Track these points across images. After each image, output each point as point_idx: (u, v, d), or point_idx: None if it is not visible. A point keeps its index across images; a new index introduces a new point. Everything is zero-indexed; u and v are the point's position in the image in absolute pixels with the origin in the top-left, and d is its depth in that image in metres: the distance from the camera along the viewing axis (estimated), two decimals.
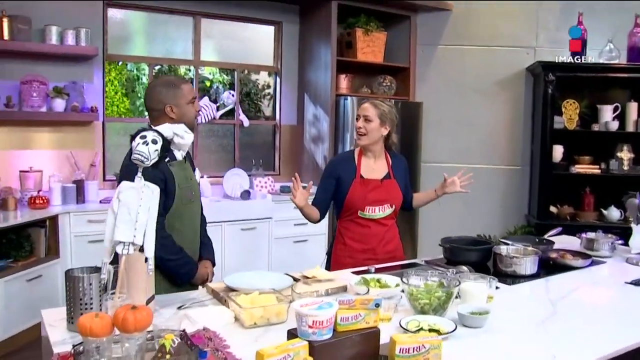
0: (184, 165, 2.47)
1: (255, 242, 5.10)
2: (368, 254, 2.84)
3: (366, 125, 2.81)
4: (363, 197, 2.82)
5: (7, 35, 4.32)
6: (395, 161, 2.97)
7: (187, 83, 2.48)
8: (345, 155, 3.04)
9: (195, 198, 2.55)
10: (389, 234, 2.91)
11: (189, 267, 2.45)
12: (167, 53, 5.47)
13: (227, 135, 5.76)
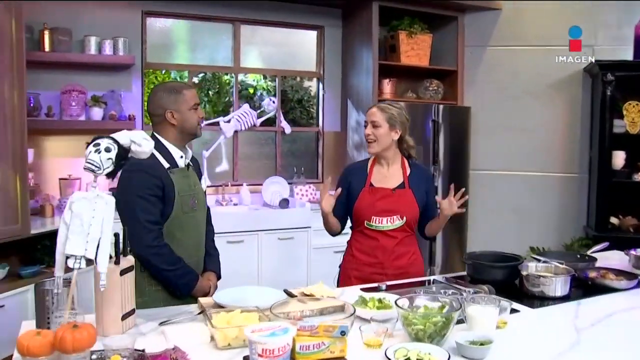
0: (187, 172, 2.39)
1: (293, 252, 4.98)
2: (376, 267, 2.67)
3: (375, 131, 2.64)
4: (370, 206, 2.66)
5: (48, 47, 4.43)
6: (414, 171, 2.77)
7: (190, 89, 2.40)
8: (359, 163, 2.87)
9: (200, 207, 2.45)
10: (401, 248, 2.69)
11: (188, 278, 2.34)
12: (210, 61, 5.46)
13: (268, 143, 5.68)
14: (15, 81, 3.53)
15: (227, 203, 5.18)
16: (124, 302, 1.89)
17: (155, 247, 2.23)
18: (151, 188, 2.23)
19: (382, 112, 2.65)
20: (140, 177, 2.24)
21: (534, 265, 2.47)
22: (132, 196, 2.22)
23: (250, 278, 4.76)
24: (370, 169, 2.75)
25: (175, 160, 2.35)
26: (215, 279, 2.53)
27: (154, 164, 2.26)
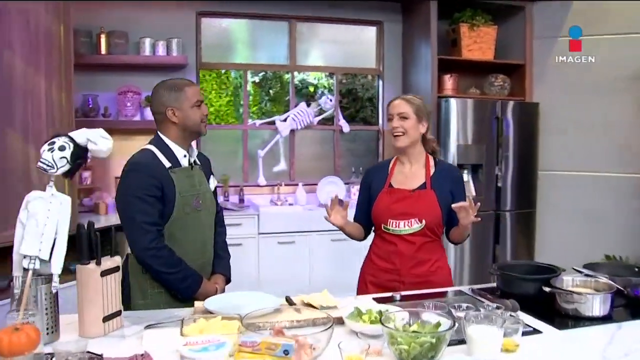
0: (190, 172, 2.32)
1: (346, 254, 4.82)
2: (392, 274, 2.46)
3: (403, 123, 2.43)
4: (387, 208, 2.46)
5: (105, 49, 4.57)
6: (439, 170, 2.52)
7: (192, 86, 2.32)
8: (381, 163, 2.68)
9: (205, 207, 2.36)
10: (421, 255, 2.45)
11: (189, 281, 2.25)
12: (271, 59, 5.43)
13: (327, 142, 5.57)
14: (63, 83, 3.64)
15: (283, 203, 5.12)
16: (107, 303, 1.83)
17: (153, 250, 2.17)
18: (148, 188, 2.17)
19: (408, 104, 2.45)
20: (137, 177, 2.18)
21: (569, 279, 2.18)
22: (129, 197, 2.17)
23: (299, 280, 4.68)
24: (391, 169, 2.55)
25: (177, 159, 2.28)
26: (223, 282, 2.44)
27: (153, 164, 2.21)
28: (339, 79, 5.50)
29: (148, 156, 2.25)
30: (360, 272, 2.63)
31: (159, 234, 2.19)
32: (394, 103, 2.49)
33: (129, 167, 2.22)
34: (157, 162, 2.22)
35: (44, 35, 3.53)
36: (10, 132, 3.37)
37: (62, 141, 1.49)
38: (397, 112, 2.44)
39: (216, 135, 5.32)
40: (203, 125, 2.32)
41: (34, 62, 3.48)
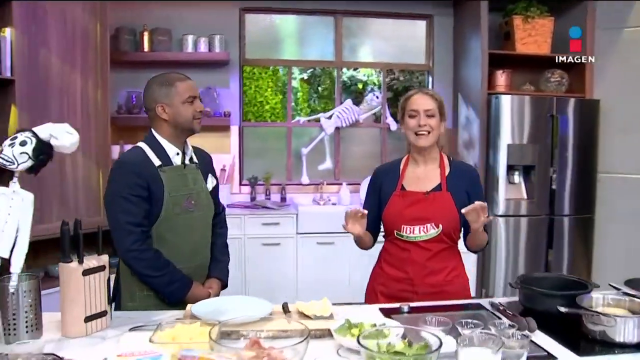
0: (183, 170, 2.21)
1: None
2: (405, 284, 2.26)
3: (430, 121, 2.22)
4: (399, 213, 2.25)
5: (147, 47, 4.61)
6: (454, 170, 2.31)
7: (184, 81, 2.22)
8: (391, 164, 2.45)
9: (200, 207, 2.25)
10: (436, 263, 2.25)
11: (176, 285, 2.15)
12: (320, 55, 5.31)
13: (373, 140, 5.40)
14: (99, 80, 3.69)
15: (325, 202, 5.00)
16: (90, 303, 1.78)
17: (135, 251, 2.09)
18: (133, 188, 2.08)
19: (433, 99, 2.25)
20: (123, 176, 2.11)
21: (600, 297, 1.93)
22: (114, 196, 2.10)
23: (338, 282, 4.55)
24: (402, 170, 2.34)
25: (169, 157, 2.19)
26: (217, 286, 2.32)
27: (140, 162, 2.13)
28: (396, 76, 5.33)
29: (137, 154, 2.17)
30: (369, 280, 2.43)
31: (144, 235, 2.11)
32: (416, 98, 2.26)
33: (115, 165, 2.16)
34: (145, 160, 2.14)
35: (80, 34, 3.58)
36: None
37: (24, 136, 1.44)
38: (424, 109, 2.22)
39: (262, 133, 5.28)
40: (196, 122, 2.20)
41: (70, 60, 3.53)
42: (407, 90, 2.65)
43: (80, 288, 1.77)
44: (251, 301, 1.99)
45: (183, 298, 2.15)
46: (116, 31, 4.58)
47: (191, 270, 2.24)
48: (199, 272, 2.29)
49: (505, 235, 4.53)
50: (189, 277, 2.21)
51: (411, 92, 2.31)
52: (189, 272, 2.22)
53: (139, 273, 2.13)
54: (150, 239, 2.14)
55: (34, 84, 3.34)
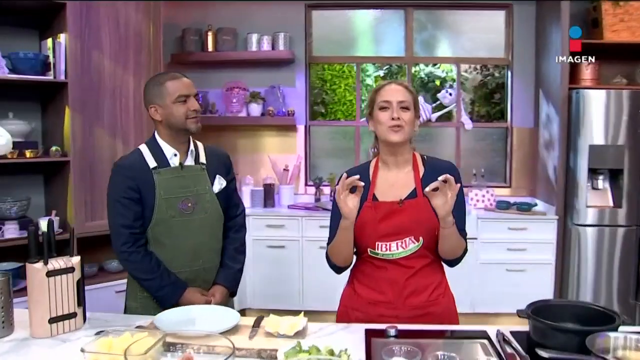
0: (181, 172, 2.15)
1: (458, 265, 4.32)
2: (384, 308, 1.96)
3: (404, 115, 1.92)
4: (372, 228, 1.94)
5: (211, 47, 4.65)
6: (430, 170, 1.99)
7: (176, 79, 2.13)
8: (360, 168, 2.09)
9: (201, 210, 2.18)
10: (417, 281, 1.95)
11: (166, 290, 2.10)
12: (396, 51, 5.08)
13: (447, 140, 5.07)
14: None
15: None
16: (55, 304, 1.77)
17: (124, 253, 2.08)
18: (125, 190, 2.08)
19: (408, 92, 1.96)
20: (115, 179, 2.12)
21: (620, 337, 1.58)
22: (109, 199, 2.13)
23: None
24: (373, 176, 2.02)
25: (167, 159, 2.14)
26: (220, 294, 2.20)
27: (133, 164, 2.12)
28: (490, 72, 4.97)
29: (132, 157, 2.16)
30: (339, 305, 2.11)
31: (133, 238, 2.09)
32: (389, 89, 1.97)
33: (112, 168, 2.17)
34: (139, 162, 2.12)
35: (133, 35, 3.66)
36: (98, 129, 3.55)
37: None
38: (398, 100, 1.92)
39: (337, 132, 5.15)
40: (190, 121, 2.12)
41: (122, 61, 3.63)
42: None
43: (45, 289, 1.76)
44: (221, 313, 1.87)
45: (175, 302, 2.09)
46: (182, 32, 4.67)
47: (191, 274, 2.18)
48: (202, 276, 2.21)
49: (587, 247, 4.03)
50: (183, 282, 2.15)
51: (382, 82, 2.03)
52: (189, 277, 2.16)
53: (130, 275, 2.15)
54: (142, 241, 2.12)
55: (87, 86, 3.46)
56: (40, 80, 3.35)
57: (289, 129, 4.87)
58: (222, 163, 2.31)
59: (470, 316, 4.28)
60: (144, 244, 2.13)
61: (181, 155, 2.18)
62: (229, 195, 2.32)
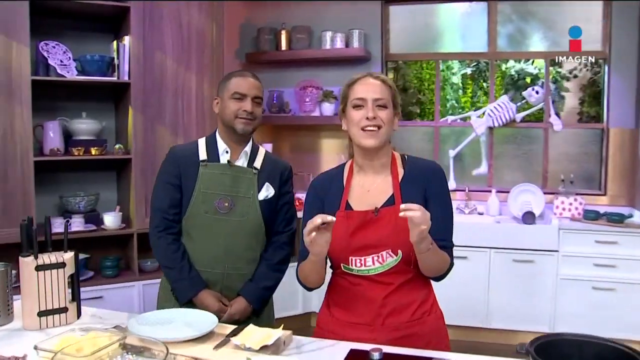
0: (228, 170, 2.11)
1: (533, 279, 3.96)
2: (361, 330, 1.72)
3: (381, 114, 1.70)
4: (345, 241, 1.71)
5: (285, 45, 4.63)
6: (410, 171, 1.77)
7: (241, 77, 2.12)
8: (332, 173, 1.90)
9: (238, 213, 2.11)
10: (399, 299, 1.72)
11: (185, 283, 2.08)
12: (482, 47, 4.77)
13: (534, 142, 4.65)
14: (214, 79, 3.79)
15: (471, 211, 4.47)
16: (44, 298, 1.80)
17: (154, 236, 2.16)
18: (169, 173, 2.15)
19: (386, 87, 1.74)
20: (164, 163, 2.21)
21: None
22: (157, 177, 2.20)
23: (474, 303, 4.01)
24: (347, 181, 1.81)
25: (218, 155, 2.14)
26: (239, 306, 2.10)
27: (183, 153, 2.17)
28: (594, 69, 4.53)
29: (187, 146, 2.24)
30: (315, 327, 1.89)
31: (165, 223, 2.14)
32: (363, 84, 1.73)
33: (170, 149, 2.25)
34: (191, 152, 2.15)
35: (195, 35, 3.73)
36: (160, 127, 3.65)
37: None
38: (373, 98, 1.70)
39: (415, 132, 4.94)
40: (239, 121, 2.08)
41: (185, 61, 3.71)
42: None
43: (34, 282, 1.80)
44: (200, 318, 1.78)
45: (189, 299, 2.07)
46: (258, 32, 4.69)
47: (213, 276, 2.13)
48: (226, 282, 2.14)
49: None
50: (203, 281, 2.10)
51: (356, 76, 1.79)
52: (209, 278, 2.12)
53: (156, 258, 2.20)
54: (174, 229, 2.15)
55: (149, 86, 3.57)
56: (104, 81, 3.50)
57: None
58: (278, 173, 2.22)
59: None
60: (176, 232, 2.15)
61: (234, 154, 2.15)
62: (278, 207, 2.21)
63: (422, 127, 4.99)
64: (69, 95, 3.65)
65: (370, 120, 1.68)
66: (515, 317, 3.98)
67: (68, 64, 3.41)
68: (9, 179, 3.22)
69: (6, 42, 3.16)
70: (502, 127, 4.56)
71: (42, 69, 3.39)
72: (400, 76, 5.39)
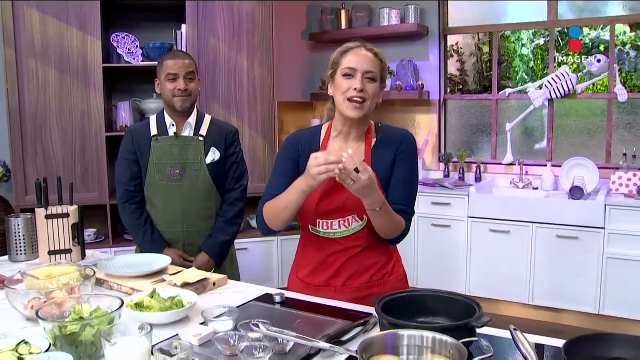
0: (175, 141, 2.44)
1: (578, 257, 3.86)
2: (324, 291, 1.85)
3: (369, 87, 1.73)
4: (313, 204, 1.78)
5: (345, 24, 4.84)
6: (382, 140, 1.83)
7: (172, 59, 2.40)
8: (310, 132, 1.93)
9: (190, 178, 2.45)
10: (360, 262, 1.84)
11: (147, 246, 2.43)
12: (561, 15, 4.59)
13: (596, 114, 4.43)
14: (264, 59, 4.15)
15: (526, 185, 4.42)
16: (52, 241, 2.27)
17: (120, 207, 2.51)
18: (127, 150, 2.46)
19: (377, 60, 1.77)
20: (124, 139, 2.51)
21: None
22: (118, 155, 2.54)
23: (516, 279, 4.03)
24: (322, 144, 1.86)
25: (167, 129, 2.46)
26: (202, 260, 2.47)
27: (141, 129, 2.49)
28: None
29: (141, 124, 2.56)
30: (286, 288, 2.01)
31: (127, 195, 2.48)
32: (356, 54, 1.75)
33: (128, 128, 2.62)
34: (144, 130, 2.48)
35: (246, 19, 4.10)
36: (215, 105, 4.10)
37: None
38: (364, 70, 1.72)
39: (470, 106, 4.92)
40: (177, 99, 2.38)
41: (236, 43, 4.10)
42: None
43: (44, 228, 2.28)
44: (155, 261, 2.12)
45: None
46: (321, 12, 4.95)
47: (175, 235, 2.48)
48: (185, 239, 2.49)
49: None
50: (164, 241, 2.47)
51: (350, 44, 1.80)
52: (173, 237, 2.48)
53: (124, 226, 2.57)
54: (136, 199, 2.49)
55: (204, 69, 4.01)
56: None
57: (420, 104, 4.82)
58: (223, 137, 2.51)
59: (595, 318, 3.80)
60: (139, 202, 2.49)
61: (179, 127, 2.47)
62: (227, 168, 2.52)
63: (480, 100, 4.93)
64: (142, 80, 4.20)
65: (358, 92, 1.72)
66: (559, 296, 3.92)
67: (135, 51, 3.95)
68: (86, 152, 3.86)
69: (82, 36, 3.77)
70: (562, 99, 4.40)
71: (115, 57, 3.98)
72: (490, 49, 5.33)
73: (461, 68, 5.58)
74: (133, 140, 2.48)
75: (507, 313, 4.09)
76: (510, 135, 4.60)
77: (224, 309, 1.53)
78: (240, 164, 2.58)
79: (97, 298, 1.52)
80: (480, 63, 5.74)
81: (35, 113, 3.75)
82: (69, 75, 3.78)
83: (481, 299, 3.78)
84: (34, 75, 3.72)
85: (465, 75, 5.62)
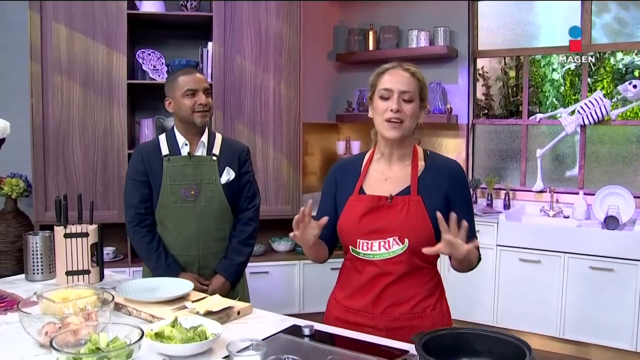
0: (188, 161, 2.36)
1: (613, 290, 3.68)
2: (362, 316, 1.79)
3: (406, 107, 1.73)
4: (354, 223, 1.78)
5: (373, 45, 4.77)
6: (431, 167, 1.81)
7: (189, 74, 2.34)
8: (352, 159, 1.96)
9: (204, 199, 2.36)
10: (401, 291, 1.76)
11: (162, 271, 2.31)
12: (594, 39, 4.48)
13: (631, 141, 4.28)
14: (290, 79, 4.08)
15: (556, 214, 4.27)
16: (70, 261, 2.19)
17: (129, 231, 2.40)
18: (137, 171, 2.36)
19: (414, 79, 1.75)
20: (131, 161, 2.42)
21: None
22: (125, 178, 2.44)
23: (546, 310, 3.86)
24: (364, 168, 1.87)
25: (179, 148, 2.37)
26: (217, 283, 2.39)
27: (151, 149, 2.38)
28: None
29: (150, 143, 2.45)
30: (325, 311, 1.96)
31: (138, 218, 2.37)
32: (392, 74, 1.76)
33: (136, 148, 2.50)
34: (154, 149, 2.38)
35: (273, 38, 4.04)
36: (239, 124, 4.03)
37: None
38: (400, 90, 1.72)
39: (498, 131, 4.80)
40: (197, 115, 2.32)
41: (262, 63, 4.04)
42: None
43: (62, 247, 2.20)
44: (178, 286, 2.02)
45: None
46: (348, 33, 4.90)
47: (190, 258, 2.39)
48: (200, 262, 2.40)
49: None
50: (179, 266, 2.36)
51: (387, 65, 1.81)
52: (187, 261, 2.38)
53: (135, 250, 2.46)
54: (147, 221, 2.38)
55: (229, 87, 3.96)
56: None
57: (448, 128, 4.71)
58: (236, 156, 2.44)
59: (630, 355, 3.62)
60: (149, 224, 2.38)
61: (192, 146, 2.38)
62: (240, 187, 2.45)
63: (509, 125, 4.81)
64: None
65: (394, 112, 1.72)
66: (591, 330, 3.74)
67: (160, 68, 3.91)
68: (107, 168, 3.80)
69: (108, 52, 3.74)
70: (595, 125, 4.26)
71: (140, 73, 3.94)
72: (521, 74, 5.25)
73: (487, 92, 5.50)
74: (143, 160, 2.37)
75: (534, 345, 3.89)
76: (541, 162, 4.46)
77: (250, 342, 1.43)
78: (252, 183, 2.52)
79: (115, 326, 1.42)
80: (506, 87, 5.65)
81: (59, 128, 3.71)
82: (93, 91, 3.74)
83: (508, 329, 3.62)
84: (59, 90, 3.69)
85: (490, 99, 5.53)
